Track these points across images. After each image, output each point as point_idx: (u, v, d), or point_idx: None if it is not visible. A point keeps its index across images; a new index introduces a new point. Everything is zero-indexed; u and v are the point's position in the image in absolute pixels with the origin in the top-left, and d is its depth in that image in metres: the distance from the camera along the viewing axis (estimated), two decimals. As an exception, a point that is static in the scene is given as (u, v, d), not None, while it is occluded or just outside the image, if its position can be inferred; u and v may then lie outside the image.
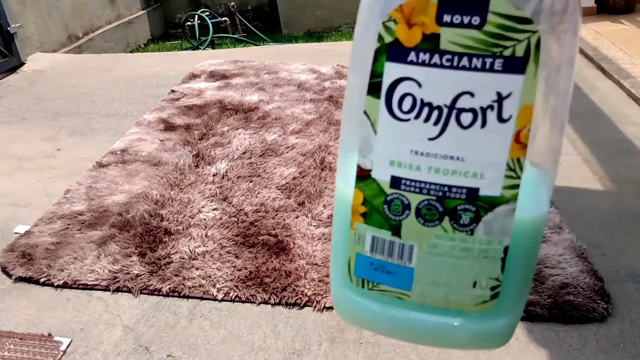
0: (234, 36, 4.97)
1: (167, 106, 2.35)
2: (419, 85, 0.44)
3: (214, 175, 1.70)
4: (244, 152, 1.84)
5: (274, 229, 1.40)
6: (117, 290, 1.24)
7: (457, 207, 0.47)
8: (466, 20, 0.42)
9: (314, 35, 5.11)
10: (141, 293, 1.23)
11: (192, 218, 1.47)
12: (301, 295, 1.18)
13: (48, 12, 3.74)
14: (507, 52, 0.42)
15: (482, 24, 0.42)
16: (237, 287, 1.21)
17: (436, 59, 0.43)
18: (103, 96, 2.65)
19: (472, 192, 0.46)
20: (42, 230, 1.46)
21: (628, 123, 1.96)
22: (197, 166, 1.77)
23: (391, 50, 0.44)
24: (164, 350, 1.08)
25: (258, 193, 1.58)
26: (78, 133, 2.20)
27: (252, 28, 5.07)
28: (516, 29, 0.41)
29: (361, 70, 0.46)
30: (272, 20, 5.29)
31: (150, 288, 1.23)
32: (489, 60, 0.42)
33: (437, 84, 0.44)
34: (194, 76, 2.77)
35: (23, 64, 3.20)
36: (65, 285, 1.26)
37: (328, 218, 1.43)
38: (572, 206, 1.45)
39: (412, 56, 0.44)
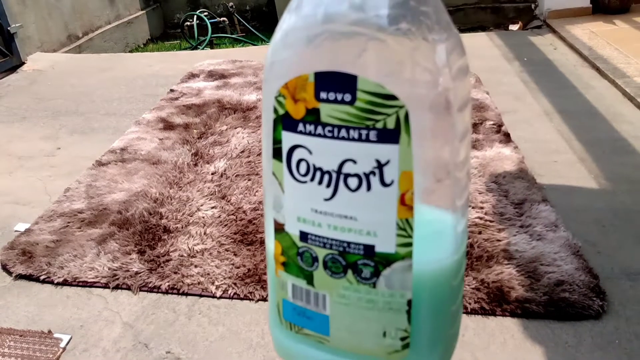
0: (233, 36, 4.98)
1: (166, 105, 2.36)
2: (310, 152, 0.49)
3: (212, 174, 1.71)
4: (243, 151, 1.85)
5: (272, 227, 1.41)
6: (117, 287, 1.25)
7: (358, 262, 0.50)
8: (339, 97, 0.46)
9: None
10: (140, 290, 1.24)
11: (191, 216, 1.48)
12: (299, 293, 1.19)
13: (48, 12, 3.75)
14: (379, 125, 0.45)
15: (353, 100, 0.45)
16: (235, 284, 1.22)
17: (320, 130, 0.47)
18: (102, 95, 2.66)
19: (369, 249, 0.49)
20: (42, 228, 1.47)
21: (623, 122, 1.98)
22: (195, 165, 1.78)
23: (284, 121, 0.49)
24: (163, 346, 1.09)
25: (256, 191, 1.59)
26: (78, 132, 2.21)
27: (251, 28, 5.08)
28: (384, 104, 0.45)
29: (267, 136, 0.51)
30: (270, 21, 5.29)
31: (150, 285, 1.24)
32: (364, 132, 0.46)
33: (323, 151, 0.48)
34: (192, 76, 2.78)
35: (23, 63, 3.21)
36: (65, 283, 1.27)
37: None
38: (567, 204, 1.46)
39: (300, 127, 0.48)
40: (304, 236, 0.52)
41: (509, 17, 3.84)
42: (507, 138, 1.85)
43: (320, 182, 0.49)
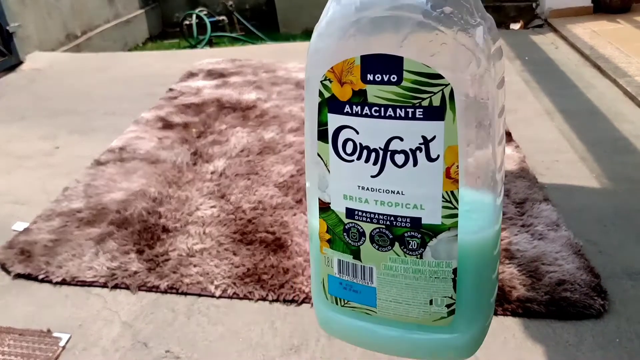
0: (232, 35, 4.97)
1: (165, 104, 2.36)
2: (357, 132, 0.51)
3: (211, 173, 1.70)
4: (242, 150, 1.85)
5: (271, 227, 1.41)
6: (115, 287, 1.25)
7: (405, 234, 0.53)
8: (386, 78, 0.48)
9: (311, 34, 5.11)
10: (139, 290, 1.23)
11: (190, 215, 1.48)
12: (299, 292, 1.19)
13: (47, 12, 3.74)
14: (425, 103, 0.48)
15: (399, 80, 0.48)
16: (235, 284, 1.22)
17: (366, 110, 0.50)
18: (101, 95, 2.65)
19: (416, 221, 0.52)
20: (41, 227, 1.46)
21: (624, 121, 1.97)
22: (195, 164, 1.78)
23: (330, 104, 0.52)
24: (162, 346, 1.08)
25: (256, 191, 1.58)
26: (76, 131, 2.21)
27: (250, 27, 5.07)
28: (429, 83, 0.47)
29: (311, 119, 0.53)
30: (269, 19, 5.29)
31: (149, 285, 1.24)
32: (410, 110, 0.49)
33: (370, 130, 0.51)
34: (191, 75, 2.78)
35: (22, 62, 3.20)
36: (63, 282, 1.27)
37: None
38: (569, 204, 1.46)
39: (347, 108, 0.51)
40: (350, 213, 0.54)
41: (510, 16, 3.84)
42: (508, 137, 1.85)
43: (367, 160, 0.51)
